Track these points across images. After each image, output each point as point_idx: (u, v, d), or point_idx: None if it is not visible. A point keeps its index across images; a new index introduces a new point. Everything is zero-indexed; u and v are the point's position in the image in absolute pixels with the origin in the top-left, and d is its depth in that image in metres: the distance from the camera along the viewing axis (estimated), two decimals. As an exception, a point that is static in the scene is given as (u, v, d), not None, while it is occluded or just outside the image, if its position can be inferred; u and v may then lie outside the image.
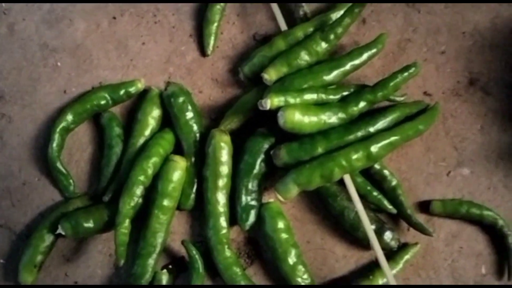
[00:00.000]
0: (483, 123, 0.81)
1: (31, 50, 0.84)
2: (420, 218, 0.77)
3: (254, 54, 0.81)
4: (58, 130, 0.78)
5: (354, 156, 0.72)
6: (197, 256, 0.75)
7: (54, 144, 0.78)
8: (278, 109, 0.72)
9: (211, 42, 0.83)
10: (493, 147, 0.80)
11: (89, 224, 0.75)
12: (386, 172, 0.78)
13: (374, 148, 0.72)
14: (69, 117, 0.79)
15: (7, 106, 0.82)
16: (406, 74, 0.76)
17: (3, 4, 0.84)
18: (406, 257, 0.77)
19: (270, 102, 0.72)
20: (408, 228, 0.78)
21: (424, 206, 0.79)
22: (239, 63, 0.83)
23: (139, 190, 0.74)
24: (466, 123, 0.81)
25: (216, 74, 0.84)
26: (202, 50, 0.84)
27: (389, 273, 0.73)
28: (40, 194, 0.80)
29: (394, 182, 0.78)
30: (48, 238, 0.76)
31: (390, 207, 0.77)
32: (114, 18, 0.85)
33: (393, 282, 0.73)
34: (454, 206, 0.78)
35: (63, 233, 0.74)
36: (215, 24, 0.83)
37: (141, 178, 0.74)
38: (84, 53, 0.84)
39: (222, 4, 0.84)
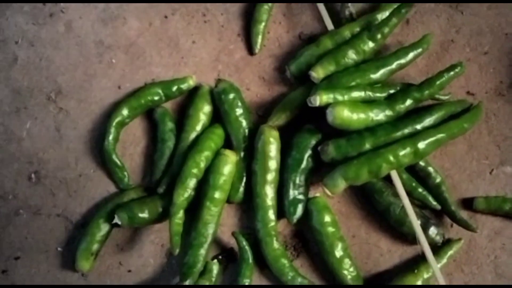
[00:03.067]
0: None
1: (87, 47, 0.86)
2: (464, 214, 0.78)
3: (301, 53, 0.82)
4: (114, 124, 0.80)
5: (402, 152, 0.73)
6: (247, 247, 0.77)
7: (110, 137, 0.80)
8: (326, 106, 0.74)
9: (259, 41, 0.85)
10: None
11: (144, 215, 0.76)
12: (430, 169, 0.79)
13: (421, 145, 0.74)
14: (124, 112, 0.81)
15: (65, 100, 0.85)
16: (451, 73, 0.77)
17: (61, 4, 0.87)
18: (450, 252, 0.78)
19: (319, 98, 0.74)
20: (452, 224, 0.79)
21: (468, 203, 0.80)
22: (285, 61, 0.84)
23: (192, 182, 0.76)
24: (509, 122, 0.82)
25: (263, 72, 0.85)
26: (250, 48, 0.86)
27: (436, 266, 0.74)
28: (96, 186, 0.82)
29: (438, 179, 0.79)
30: (104, 227, 0.78)
31: (434, 203, 0.79)
32: (166, 17, 0.87)
33: (439, 275, 0.74)
34: (497, 203, 0.79)
35: (119, 222, 0.76)
36: (263, 24, 0.85)
37: (194, 170, 0.76)
38: (138, 50, 0.86)
39: (269, 4, 0.85)
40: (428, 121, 0.77)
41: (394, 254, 0.80)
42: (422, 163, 0.79)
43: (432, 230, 0.77)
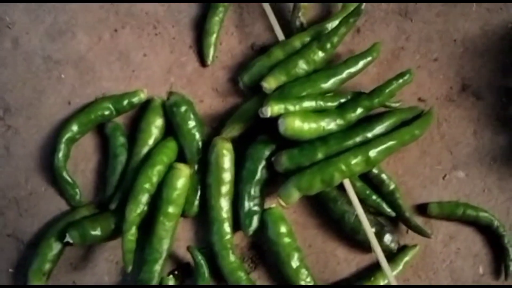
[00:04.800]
0: (476, 127, 0.83)
1: (35, 63, 0.85)
2: (418, 220, 0.79)
3: (253, 64, 0.82)
4: (63, 140, 0.79)
5: (353, 161, 0.73)
6: (202, 262, 0.76)
7: (60, 154, 0.79)
8: (278, 116, 0.74)
9: (211, 52, 0.85)
10: (487, 150, 0.82)
11: (96, 232, 0.76)
12: (384, 176, 0.79)
13: (372, 153, 0.74)
14: (74, 128, 0.80)
15: (13, 118, 0.83)
16: (400, 80, 0.78)
17: (7, 18, 0.85)
18: (406, 258, 0.79)
19: (271, 109, 0.74)
20: (407, 231, 0.80)
21: (422, 209, 0.81)
22: (238, 72, 0.84)
23: (144, 198, 0.75)
24: (460, 127, 0.83)
25: (216, 83, 0.85)
26: (202, 60, 0.85)
27: (390, 274, 0.74)
28: (47, 204, 0.81)
29: (392, 186, 0.79)
30: (56, 246, 0.77)
31: (388, 210, 0.79)
32: (116, 30, 0.86)
33: (394, 282, 0.74)
34: (450, 208, 0.80)
35: (70, 241, 0.75)
36: (214, 35, 0.85)
37: (146, 185, 0.75)
38: (87, 65, 0.85)
39: (220, 15, 0.85)
40: (379, 128, 0.77)
41: (351, 263, 0.80)
42: (375, 171, 0.79)
43: (387, 237, 0.77)
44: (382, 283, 0.77)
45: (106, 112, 0.81)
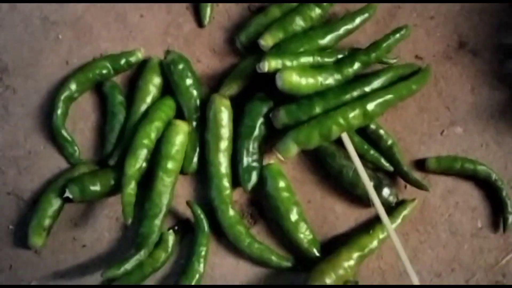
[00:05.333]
0: (473, 83, 0.83)
1: (32, 24, 0.85)
2: (416, 175, 0.79)
3: (250, 23, 0.82)
4: (62, 99, 0.80)
5: (351, 114, 0.74)
6: (202, 216, 0.77)
7: (59, 113, 0.80)
8: (275, 72, 0.74)
9: (207, 13, 0.85)
10: (484, 106, 0.82)
11: (96, 187, 0.76)
12: (382, 131, 0.79)
13: (370, 106, 0.75)
14: (72, 86, 0.80)
15: (11, 78, 0.84)
16: (397, 35, 0.78)
17: (4, -20, 0.86)
18: (404, 212, 0.79)
19: (268, 64, 0.74)
20: (405, 186, 0.80)
21: (420, 164, 0.81)
22: (235, 32, 0.84)
23: (143, 153, 0.76)
24: (457, 84, 0.83)
25: (214, 44, 0.85)
26: (199, 21, 0.85)
27: (390, 226, 0.75)
28: (46, 162, 0.82)
29: (390, 141, 0.79)
30: (56, 202, 0.77)
31: (387, 164, 0.79)
32: (113, -9, 0.86)
33: (394, 235, 0.74)
34: (448, 162, 0.80)
35: (70, 196, 0.75)
36: (211, -5, 0.85)
37: (145, 141, 0.76)
38: (85, 25, 0.85)
39: (217, -24, 0.85)
40: (377, 83, 0.78)
41: (350, 217, 0.81)
42: (373, 126, 0.79)
43: (386, 191, 0.77)
44: (380, 236, 0.77)
45: (104, 71, 0.81)
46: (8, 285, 0.80)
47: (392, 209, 0.79)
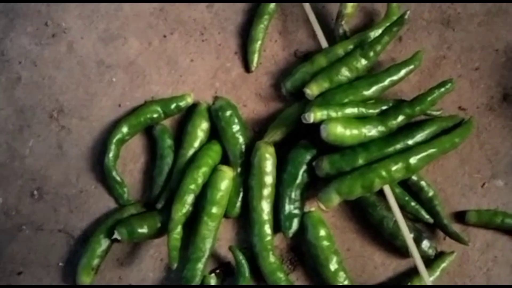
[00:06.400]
0: None
1: (88, 66, 0.88)
2: (456, 228, 0.79)
3: (296, 70, 0.84)
4: (114, 141, 0.82)
5: (394, 168, 0.74)
6: (243, 261, 0.78)
7: (111, 154, 0.82)
8: (320, 122, 0.75)
9: (255, 58, 0.87)
10: None
11: (143, 230, 0.78)
12: (423, 183, 0.80)
13: (413, 160, 0.75)
14: (124, 129, 0.83)
15: (66, 118, 0.87)
16: (442, 89, 0.78)
17: (63, 24, 0.89)
18: (443, 265, 0.79)
19: (313, 115, 0.75)
20: (445, 237, 0.80)
21: (460, 217, 0.81)
22: (281, 78, 0.86)
23: (190, 198, 0.77)
24: (500, 136, 0.83)
25: (260, 89, 0.87)
26: (247, 66, 0.88)
27: (427, 279, 0.75)
28: (97, 202, 0.84)
29: (431, 193, 0.80)
30: (105, 243, 0.80)
31: (427, 216, 0.80)
32: (165, 36, 0.89)
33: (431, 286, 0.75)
34: (489, 216, 0.80)
35: (118, 237, 0.77)
36: (259, 42, 0.87)
37: (192, 186, 0.78)
38: (137, 69, 0.88)
39: (265, 22, 0.87)
40: (420, 136, 0.78)
41: (388, 267, 0.81)
42: (414, 178, 0.80)
43: (425, 243, 0.77)
44: None
45: (155, 115, 0.83)
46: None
47: (430, 261, 0.78)
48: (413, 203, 0.80)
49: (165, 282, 0.82)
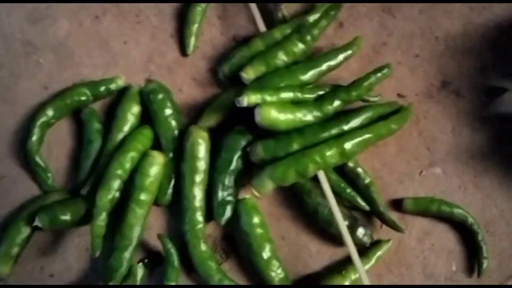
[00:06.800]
0: (455, 124, 0.83)
1: (13, 46, 0.85)
2: (393, 215, 0.78)
3: (234, 54, 0.83)
4: (38, 124, 0.79)
5: (328, 153, 0.73)
6: (172, 250, 0.76)
7: (34, 138, 0.79)
8: (255, 106, 0.74)
9: (192, 42, 0.85)
10: (464, 147, 0.82)
11: (66, 217, 0.75)
12: (359, 170, 0.79)
13: (347, 145, 0.74)
14: (50, 112, 0.80)
15: (-12, 101, 0.84)
16: (379, 74, 0.78)
17: (-13, 3, 0.86)
18: (379, 253, 0.78)
19: (247, 99, 0.74)
20: (381, 226, 0.80)
21: (397, 204, 0.81)
22: (219, 63, 0.84)
23: (116, 184, 0.75)
24: (439, 124, 0.83)
25: (196, 73, 0.85)
26: (183, 50, 0.85)
27: (361, 267, 0.74)
28: (19, 188, 0.81)
29: (367, 180, 0.79)
30: (25, 230, 0.77)
31: (363, 204, 0.79)
32: (97, 17, 0.86)
33: (364, 276, 0.74)
34: (425, 203, 0.80)
35: (40, 225, 0.74)
36: (196, 25, 0.85)
37: (119, 172, 0.75)
38: (66, 50, 0.85)
39: (203, 5, 0.86)
40: (356, 122, 0.77)
41: (324, 256, 0.80)
42: (351, 164, 0.79)
43: (360, 231, 0.77)
44: (353, 277, 0.77)
45: (83, 98, 0.81)
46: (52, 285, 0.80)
47: (366, 249, 0.78)
48: (349, 190, 0.79)
49: (90, 273, 0.80)
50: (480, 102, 0.83)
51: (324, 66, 0.79)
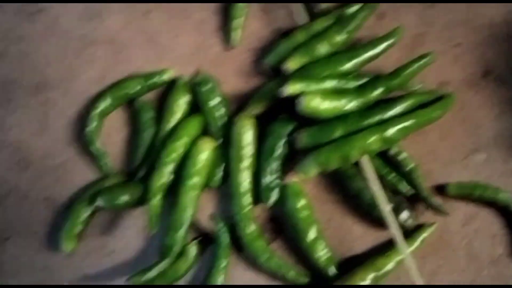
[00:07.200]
0: (498, 111, 0.82)
1: (72, 41, 0.90)
2: (437, 200, 0.79)
3: (276, 46, 0.84)
4: (96, 113, 0.83)
5: (370, 140, 0.74)
6: (223, 230, 0.79)
7: (93, 126, 0.83)
8: (298, 96, 0.75)
9: (237, 35, 0.87)
10: (508, 134, 0.81)
11: (125, 198, 0.79)
12: (403, 155, 0.79)
13: (388, 132, 0.75)
14: (107, 102, 0.84)
15: (51, 91, 0.88)
16: (421, 62, 0.78)
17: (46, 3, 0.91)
18: (424, 235, 0.78)
19: (290, 88, 0.75)
20: (425, 211, 0.80)
21: (440, 190, 0.80)
22: (262, 55, 0.86)
23: (169, 168, 0.78)
24: (482, 111, 0.82)
25: (241, 66, 0.87)
26: (228, 43, 0.88)
27: (405, 249, 0.75)
28: (80, 171, 0.85)
29: (411, 165, 0.79)
30: (87, 210, 0.81)
31: (407, 188, 0.79)
32: (148, 12, 0.90)
33: (409, 258, 0.75)
34: (469, 188, 0.79)
35: (101, 205, 0.79)
36: (240, 19, 0.87)
37: (172, 156, 0.78)
38: (119, 45, 0.89)
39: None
40: (397, 109, 0.77)
41: (368, 239, 0.81)
42: (394, 150, 0.79)
43: (404, 214, 0.77)
44: (397, 258, 0.77)
45: (136, 89, 0.84)
46: (42, 285, 0.84)
47: (411, 232, 0.78)
48: (392, 175, 0.80)
49: (147, 249, 0.84)
50: (522, 89, 0.83)
51: (365, 56, 0.80)
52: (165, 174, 0.78)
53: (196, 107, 0.84)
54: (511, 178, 0.80)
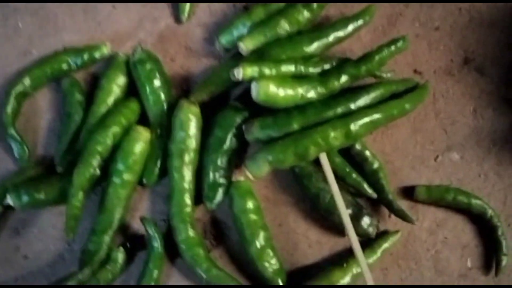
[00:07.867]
0: (476, 105, 0.78)
1: (-11, 9, 0.81)
2: (403, 204, 0.75)
3: (232, 22, 0.78)
4: (13, 93, 0.76)
5: (332, 134, 0.69)
6: (156, 234, 0.72)
7: (9, 109, 0.76)
8: (252, 80, 0.69)
9: (187, 8, 0.80)
10: (486, 131, 0.78)
11: (40, 196, 0.72)
12: (368, 153, 0.75)
13: (353, 126, 0.69)
14: (27, 81, 0.76)
15: (-39, 68, 0.80)
16: (393, 47, 0.73)
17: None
18: (385, 245, 0.74)
19: (243, 71, 0.69)
20: (389, 215, 0.76)
21: (408, 192, 0.77)
22: (216, 31, 0.79)
23: (95, 161, 0.71)
24: (458, 104, 0.78)
25: (191, 42, 0.80)
26: (177, 16, 0.80)
27: (363, 260, 0.70)
28: (-6, 162, 0.78)
29: (376, 165, 0.75)
30: (-3, 209, 0.74)
31: (370, 191, 0.75)
32: (83, -23, 0.82)
33: (366, 271, 0.69)
34: (440, 192, 0.75)
35: (11, 203, 0.71)
36: (192, -12, 0.80)
37: (99, 148, 0.71)
38: (49, 13, 0.80)
39: (200, -33, 0.80)
40: (365, 100, 0.72)
41: (324, 246, 0.76)
42: (358, 146, 0.74)
43: (365, 221, 0.73)
44: (355, 270, 0.72)
45: (64, 66, 0.77)
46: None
47: (372, 240, 0.74)
48: (354, 175, 0.75)
49: (67, 255, 0.77)
50: (505, 81, 0.78)
51: (331, 37, 0.74)
52: (89, 169, 0.71)
53: (133, 91, 0.77)
54: (487, 182, 0.78)
